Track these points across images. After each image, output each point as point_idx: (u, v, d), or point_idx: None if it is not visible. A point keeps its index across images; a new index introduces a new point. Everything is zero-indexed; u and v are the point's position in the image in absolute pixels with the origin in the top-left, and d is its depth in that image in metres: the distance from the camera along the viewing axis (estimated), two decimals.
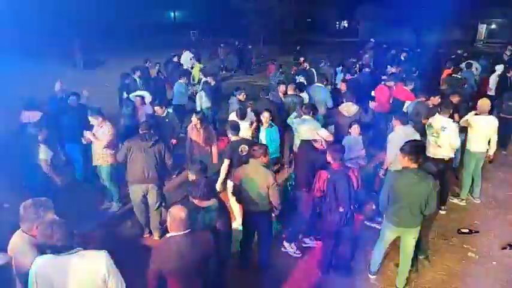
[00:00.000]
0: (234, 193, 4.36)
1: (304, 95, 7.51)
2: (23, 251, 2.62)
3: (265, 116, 5.80)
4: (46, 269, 2.36)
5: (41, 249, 2.50)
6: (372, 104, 7.03)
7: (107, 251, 2.50)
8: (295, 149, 5.85)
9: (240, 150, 4.83)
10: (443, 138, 5.25)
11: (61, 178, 4.89)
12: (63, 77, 7.87)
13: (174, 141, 6.36)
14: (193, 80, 11.33)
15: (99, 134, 5.28)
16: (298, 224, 4.75)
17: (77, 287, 2.36)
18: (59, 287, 2.35)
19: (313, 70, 10.46)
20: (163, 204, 5.00)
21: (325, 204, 3.98)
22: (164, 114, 6.29)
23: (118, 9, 25.99)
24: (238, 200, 4.29)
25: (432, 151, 5.37)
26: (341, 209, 3.91)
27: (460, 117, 5.93)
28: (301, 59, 11.67)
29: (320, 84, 7.83)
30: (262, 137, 5.84)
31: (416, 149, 3.73)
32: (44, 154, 4.73)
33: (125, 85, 8.26)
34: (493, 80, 9.36)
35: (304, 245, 4.83)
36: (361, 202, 4.22)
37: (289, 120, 6.30)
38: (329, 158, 3.98)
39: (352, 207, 3.96)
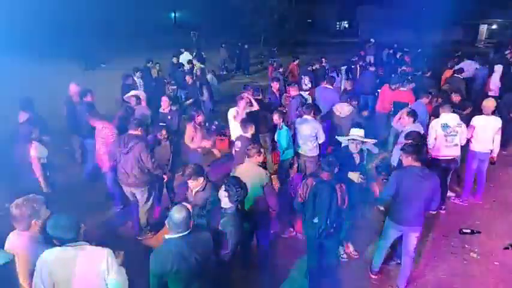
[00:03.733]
0: None
1: (304, 94, 7.46)
2: (29, 250, 2.58)
3: (273, 119, 5.64)
4: (49, 263, 2.37)
5: (46, 242, 2.52)
6: (364, 113, 7.27)
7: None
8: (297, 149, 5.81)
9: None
10: (458, 136, 5.25)
11: (48, 183, 4.65)
12: (63, 77, 7.84)
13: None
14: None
15: (103, 135, 5.26)
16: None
17: (76, 281, 2.36)
18: (60, 280, 2.37)
19: (326, 70, 10.34)
20: (154, 203, 5.02)
21: (304, 211, 3.84)
22: (168, 111, 6.45)
23: (118, 10, 26.05)
24: None
25: (445, 151, 5.25)
26: (315, 220, 3.71)
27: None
28: (296, 61, 11.61)
29: (329, 86, 7.57)
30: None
31: (418, 148, 3.81)
32: (35, 151, 4.53)
33: (126, 86, 8.23)
34: (494, 80, 9.32)
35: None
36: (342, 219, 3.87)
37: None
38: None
39: (328, 222, 3.68)
